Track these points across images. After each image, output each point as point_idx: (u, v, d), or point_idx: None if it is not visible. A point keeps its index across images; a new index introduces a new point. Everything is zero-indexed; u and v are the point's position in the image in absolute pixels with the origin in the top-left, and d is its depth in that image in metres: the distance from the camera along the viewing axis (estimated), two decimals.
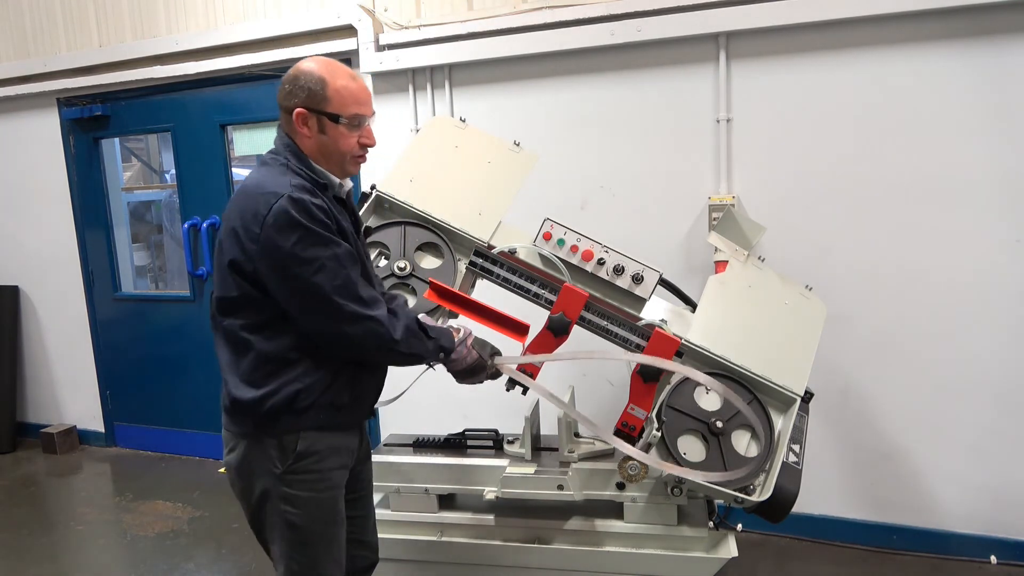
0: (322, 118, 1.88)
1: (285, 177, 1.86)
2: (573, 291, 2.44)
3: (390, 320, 1.89)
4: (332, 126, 1.89)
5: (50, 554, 3.71)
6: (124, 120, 4.85)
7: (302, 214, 1.79)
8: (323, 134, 1.90)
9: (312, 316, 1.86)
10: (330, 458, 1.97)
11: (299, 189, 1.83)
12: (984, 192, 3.01)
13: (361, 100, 1.92)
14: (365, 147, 1.98)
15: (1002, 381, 3.07)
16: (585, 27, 3.41)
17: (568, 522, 2.63)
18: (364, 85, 1.95)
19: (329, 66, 1.91)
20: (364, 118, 1.93)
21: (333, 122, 1.89)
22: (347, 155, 1.94)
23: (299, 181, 1.86)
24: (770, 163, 3.30)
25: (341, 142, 1.91)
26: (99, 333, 5.14)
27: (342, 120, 1.88)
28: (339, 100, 1.87)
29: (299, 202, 1.79)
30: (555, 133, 3.60)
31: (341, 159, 1.95)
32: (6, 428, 5.25)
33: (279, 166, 1.91)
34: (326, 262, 1.81)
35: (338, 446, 2.00)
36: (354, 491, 2.17)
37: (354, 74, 1.94)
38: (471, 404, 3.77)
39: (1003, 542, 3.15)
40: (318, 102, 1.87)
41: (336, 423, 1.98)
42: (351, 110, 1.89)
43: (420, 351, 1.98)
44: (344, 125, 1.89)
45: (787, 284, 2.62)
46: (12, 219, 5.24)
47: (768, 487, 2.19)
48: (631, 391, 2.41)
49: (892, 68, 3.07)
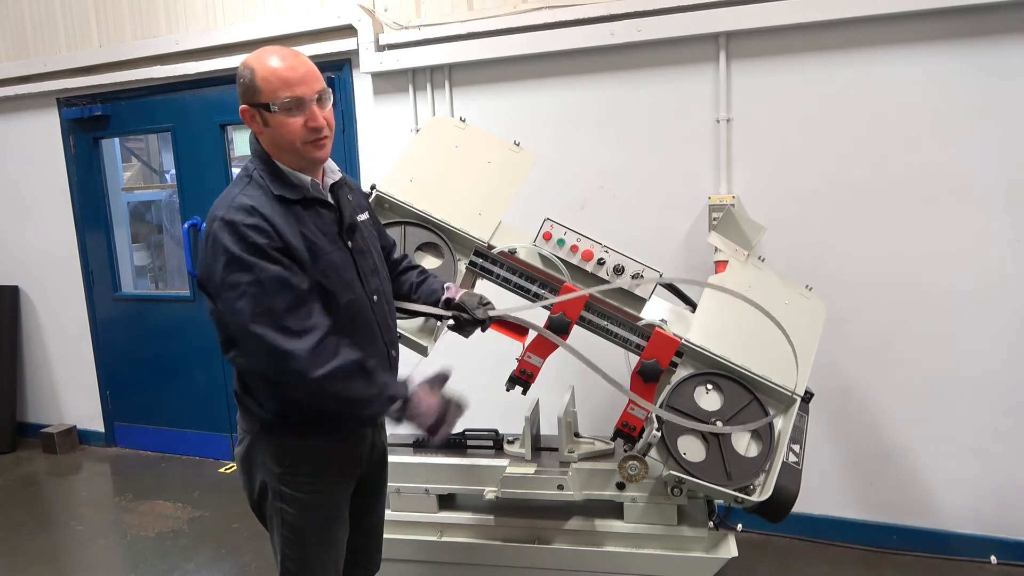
0: (261, 111, 1.76)
1: (236, 190, 1.79)
2: (573, 291, 2.44)
3: (313, 354, 1.69)
4: (270, 116, 1.76)
5: (50, 554, 3.71)
6: (124, 120, 4.85)
7: (230, 237, 1.69)
8: (267, 127, 1.78)
9: (241, 346, 1.80)
10: (332, 464, 1.94)
11: (237, 209, 1.72)
12: (984, 192, 3.01)
13: (290, 81, 1.74)
14: (314, 131, 1.78)
15: (1002, 381, 3.07)
16: (585, 27, 3.41)
17: (568, 522, 2.63)
18: (296, 64, 1.76)
19: (260, 53, 1.78)
20: (300, 100, 1.75)
21: (268, 112, 1.75)
22: (296, 143, 1.78)
23: (243, 199, 1.74)
24: (770, 163, 3.30)
25: (284, 130, 1.76)
26: (99, 333, 5.14)
27: (273, 108, 1.74)
28: (267, 87, 1.74)
29: (230, 224, 1.70)
30: (555, 133, 3.60)
31: (292, 148, 1.79)
32: (6, 428, 5.25)
33: (243, 176, 1.84)
34: (247, 288, 1.69)
35: (341, 453, 1.97)
36: (365, 496, 2.12)
37: (286, 53, 1.78)
38: (471, 404, 3.76)
39: (1003, 542, 3.15)
40: (252, 95, 1.76)
41: (336, 433, 1.93)
42: (281, 94, 1.73)
43: (356, 395, 1.76)
44: (280, 112, 1.74)
45: (787, 284, 2.62)
46: (12, 219, 5.24)
47: (768, 487, 2.19)
48: (631, 391, 2.41)
49: (892, 68, 3.07)
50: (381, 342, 1.98)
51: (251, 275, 1.69)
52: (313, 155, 1.82)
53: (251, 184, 1.81)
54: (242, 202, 1.74)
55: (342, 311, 1.85)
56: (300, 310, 1.72)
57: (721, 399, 2.38)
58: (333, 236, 1.88)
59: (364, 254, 1.97)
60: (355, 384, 1.74)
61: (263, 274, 1.69)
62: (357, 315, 1.90)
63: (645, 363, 2.38)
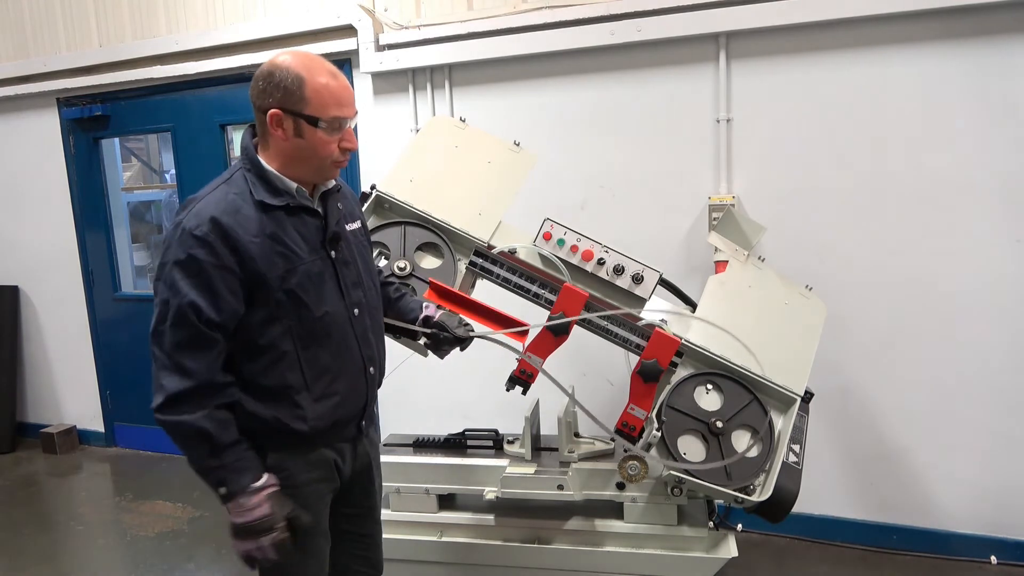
0: (299, 120, 1.70)
1: (207, 193, 1.75)
2: (573, 291, 2.44)
3: (174, 397, 1.65)
4: (310, 129, 1.71)
5: (50, 554, 3.71)
6: (124, 120, 4.85)
7: (176, 243, 1.67)
8: (299, 137, 1.72)
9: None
10: (305, 473, 1.86)
11: (195, 215, 1.68)
12: (984, 192, 3.01)
13: (343, 101, 1.73)
14: (346, 151, 1.78)
15: (1002, 381, 3.07)
16: (585, 27, 3.41)
17: (568, 522, 2.63)
18: (346, 83, 1.76)
19: (307, 62, 1.71)
20: (345, 120, 1.74)
21: (311, 125, 1.70)
22: (326, 160, 1.76)
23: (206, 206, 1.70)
24: (770, 163, 3.30)
25: (319, 147, 1.73)
26: (99, 333, 5.14)
27: (321, 124, 1.70)
28: (318, 101, 1.69)
29: (181, 230, 1.68)
30: (555, 133, 3.60)
31: (319, 164, 1.77)
32: (6, 428, 5.25)
33: (224, 177, 1.80)
34: (161, 304, 1.68)
35: (315, 461, 1.88)
36: (352, 506, 2.07)
37: (335, 71, 1.74)
38: (471, 404, 3.77)
39: (1003, 542, 3.15)
40: (294, 103, 1.69)
41: (302, 443, 1.85)
42: (331, 112, 1.70)
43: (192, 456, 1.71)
44: (323, 129, 1.71)
45: (787, 284, 2.62)
46: (12, 219, 5.24)
47: (768, 487, 2.19)
48: (631, 391, 2.42)
49: (892, 68, 3.07)
50: (359, 357, 1.91)
51: (169, 293, 1.67)
52: (333, 174, 1.84)
53: (229, 184, 1.77)
54: (203, 209, 1.70)
55: (316, 324, 1.81)
56: (189, 350, 1.67)
57: (721, 399, 2.38)
58: (315, 245, 1.82)
59: (348, 265, 1.91)
60: (194, 448, 1.70)
61: (177, 299, 1.66)
62: (334, 329, 1.84)
63: (645, 363, 2.38)
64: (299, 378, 1.80)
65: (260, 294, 1.74)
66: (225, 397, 1.73)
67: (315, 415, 1.82)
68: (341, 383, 1.87)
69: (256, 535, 1.72)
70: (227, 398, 1.74)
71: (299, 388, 1.80)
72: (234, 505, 1.72)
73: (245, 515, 1.72)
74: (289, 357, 1.78)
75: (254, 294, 1.73)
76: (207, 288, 1.67)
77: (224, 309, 1.69)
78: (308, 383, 1.81)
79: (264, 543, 1.72)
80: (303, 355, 1.80)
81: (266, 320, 1.75)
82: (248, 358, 1.77)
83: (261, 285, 1.73)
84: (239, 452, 1.73)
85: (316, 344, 1.81)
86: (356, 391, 1.92)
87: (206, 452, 1.69)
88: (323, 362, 1.83)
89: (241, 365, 1.77)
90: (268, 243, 1.73)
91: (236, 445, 1.72)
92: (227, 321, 1.71)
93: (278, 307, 1.75)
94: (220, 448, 1.69)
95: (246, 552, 1.74)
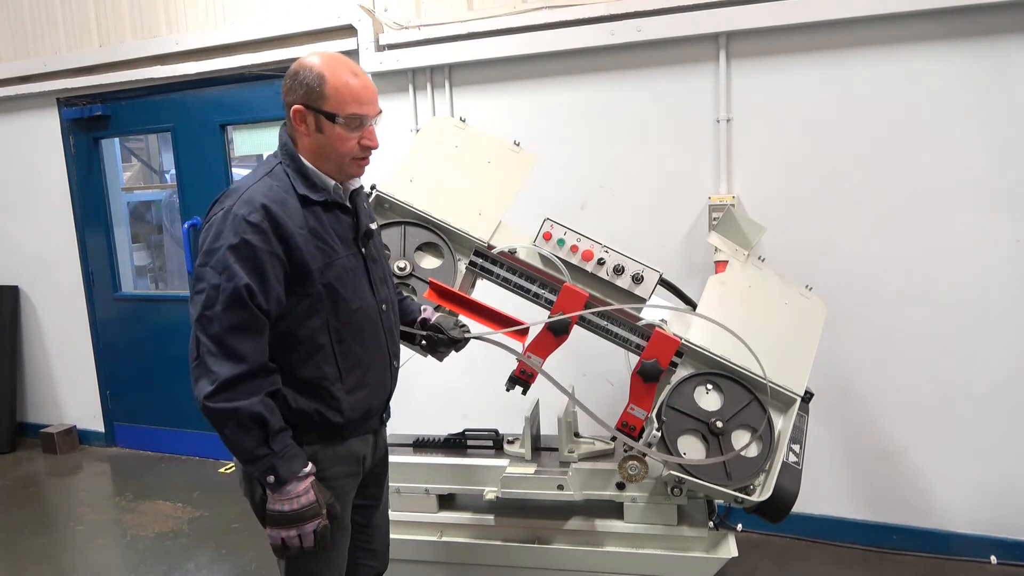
0: (319, 116, 1.78)
1: (252, 182, 1.79)
2: (573, 291, 2.44)
3: (225, 383, 1.66)
4: (329, 125, 1.78)
5: (50, 554, 3.71)
6: (124, 120, 4.85)
7: (229, 228, 1.70)
8: (320, 133, 1.80)
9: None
10: (335, 467, 1.90)
11: (245, 203, 1.71)
12: (984, 192, 3.01)
13: (362, 99, 1.80)
14: (367, 149, 1.85)
15: (1002, 381, 3.07)
16: (585, 27, 3.41)
17: (568, 522, 2.63)
18: (368, 83, 1.83)
19: (332, 61, 1.80)
20: (364, 118, 1.81)
21: (330, 121, 1.78)
22: (345, 157, 1.83)
23: (255, 194, 1.73)
24: (770, 163, 3.30)
25: (338, 143, 1.80)
26: (99, 333, 5.14)
27: (339, 120, 1.78)
28: (337, 98, 1.77)
29: (233, 216, 1.71)
30: (555, 133, 3.60)
31: (339, 160, 1.83)
32: (6, 428, 5.25)
33: (264, 169, 1.84)
34: (210, 289, 1.69)
35: (343, 455, 1.92)
36: (364, 497, 2.10)
37: (358, 70, 1.82)
38: (471, 404, 3.77)
39: (1003, 542, 3.15)
40: (315, 99, 1.77)
41: (336, 438, 1.89)
42: (349, 109, 1.78)
43: (239, 444, 1.70)
44: (342, 125, 1.78)
45: (787, 284, 2.62)
46: (12, 219, 5.24)
47: (768, 487, 2.19)
48: (631, 391, 2.42)
49: (892, 68, 3.07)
50: (386, 351, 1.98)
51: (220, 278, 1.69)
52: (355, 172, 1.88)
53: (271, 177, 1.81)
54: (253, 197, 1.74)
55: (352, 317, 1.86)
56: (243, 333, 1.69)
57: (721, 399, 2.38)
58: (349, 241, 1.89)
59: (376, 262, 1.99)
60: (247, 436, 1.69)
61: (231, 282, 1.68)
62: (366, 323, 1.90)
63: (645, 363, 2.38)
64: (334, 370, 1.85)
65: (302, 285, 1.79)
66: (274, 384, 1.77)
67: (349, 406, 1.88)
68: (372, 375, 1.93)
69: (301, 522, 1.74)
70: (276, 385, 1.78)
71: (334, 380, 1.85)
72: (281, 493, 1.73)
73: (292, 502, 1.74)
74: (325, 350, 1.83)
75: (296, 285, 1.78)
76: (259, 273, 1.71)
77: (271, 295, 1.73)
78: (343, 375, 1.86)
79: (307, 530, 1.75)
80: (338, 348, 1.85)
81: (306, 312, 1.80)
82: (284, 350, 1.81)
83: (305, 276, 1.78)
84: (287, 439, 1.76)
85: (351, 337, 1.86)
86: (383, 383, 1.98)
87: (260, 439, 1.70)
88: (356, 355, 1.88)
89: (277, 357, 1.79)
90: (310, 236, 1.79)
91: (284, 432, 1.76)
92: (273, 308, 1.75)
93: (318, 300, 1.81)
94: (273, 434, 1.71)
95: (287, 539, 1.75)
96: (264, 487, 1.76)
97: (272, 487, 1.73)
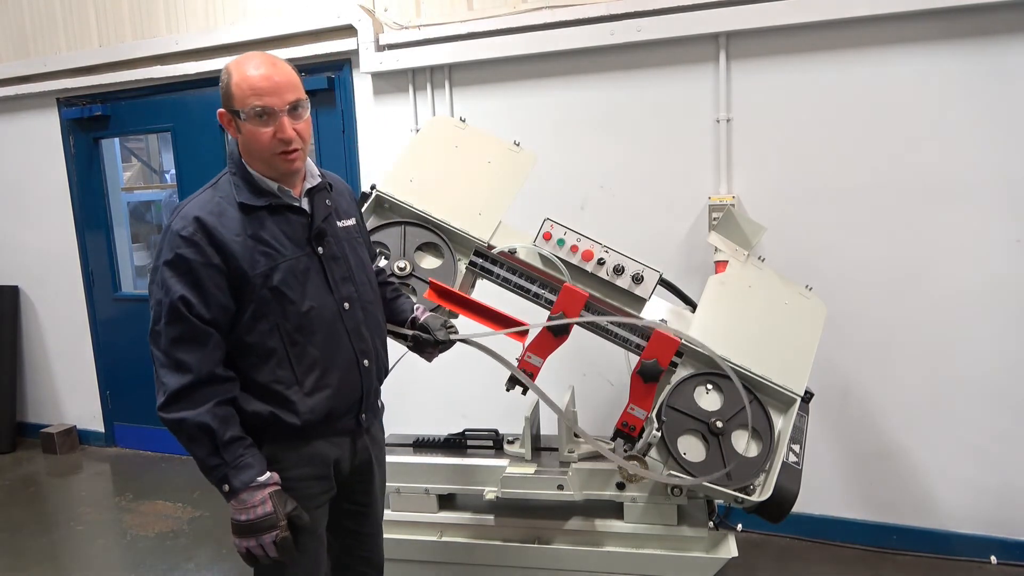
0: (234, 116, 1.79)
1: (195, 196, 1.83)
2: (573, 291, 2.44)
3: (175, 394, 1.69)
4: (241, 123, 1.77)
5: (50, 554, 3.71)
6: (124, 120, 4.85)
7: (167, 245, 1.75)
8: (240, 133, 1.81)
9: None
10: (298, 468, 1.86)
11: (182, 218, 1.76)
12: (984, 192, 3.01)
13: (262, 90, 1.74)
14: (284, 142, 1.78)
15: (1002, 381, 3.07)
16: (585, 27, 3.41)
17: (568, 522, 2.63)
18: (271, 73, 1.76)
19: (240, 59, 1.80)
20: (268, 109, 1.74)
21: (237, 118, 1.78)
22: (265, 152, 1.78)
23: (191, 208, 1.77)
24: (770, 163, 3.30)
25: (253, 140, 1.78)
26: (99, 333, 5.14)
27: (242, 115, 1.76)
28: (239, 94, 1.75)
29: (170, 233, 1.76)
30: (555, 133, 3.60)
31: (264, 158, 1.80)
32: (6, 428, 5.24)
33: (213, 180, 1.88)
34: (155, 305, 1.75)
35: (308, 456, 1.88)
36: (352, 503, 2.07)
37: (262, 62, 1.78)
38: (471, 404, 3.77)
39: (1003, 542, 3.15)
40: (227, 100, 1.79)
41: (295, 436, 1.85)
42: (250, 103, 1.74)
43: (195, 453, 1.73)
44: (247, 120, 1.75)
45: (787, 284, 2.62)
46: (12, 219, 5.24)
47: (768, 487, 2.19)
48: (631, 391, 2.42)
49: (892, 68, 3.07)
50: (350, 351, 1.92)
51: (161, 292, 1.74)
52: (283, 167, 1.82)
53: (215, 188, 1.84)
54: (189, 211, 1.77)
55: (302, 318, 1.83)
56: (186, 345, 1.72)
57: (721, 399, 2.38)
58: (301, 242, 1.86)
59: (337, 260, 1.93)
60: (197, 446, 1.72)
61: (167, 297, 1.72)
62: (320, 324, 1.86)
63: (645, 363, 2.38)
64: (289, 374, 1.83)
65: (244, 292, 1.78)
66: (227, 392, 1.76)
67: (307, 408, 1.84)
68: (332, 376, 1.88)
69: (258, 533, 1.73)
70: (229, 393, 1.77)
71: (290, 383, 1.83)
72: (237, 502, 1.73)
73: (247, 512, 1.73)
74: (278, 353, 1.82)
75: (238, 291, 1.78)
76: (195, 285, 1.73)
77: (212, 304, 1.75)
78: (298, 378, 1.84)
79: (266, 541, 1.73)
80: (291, 351, 1.83)
81: (253, 318, 1.80)
82: (240, 356, 1.81)
83: (245, 283, 1.78)
84: (241, 449, 1.75)
85: (303, 339, 1.84)
86: (350, 384, 1.93)
87: (210, 449, 1.71)
88: (312, 356, 1.85)
89: (235, 363, 1.81)
90: (250, 242, 1.79)
91: (238, 441, 1.75)
92: (217, 317, 1.76)
93: (264, 304, 1.80)
94: (223, 444, 1.72)
95: (247, 549, 1.75)
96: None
97: (227, 496, 1.74)
